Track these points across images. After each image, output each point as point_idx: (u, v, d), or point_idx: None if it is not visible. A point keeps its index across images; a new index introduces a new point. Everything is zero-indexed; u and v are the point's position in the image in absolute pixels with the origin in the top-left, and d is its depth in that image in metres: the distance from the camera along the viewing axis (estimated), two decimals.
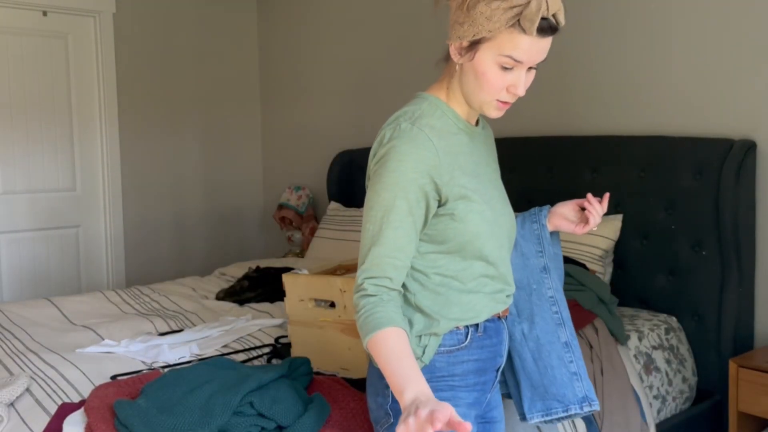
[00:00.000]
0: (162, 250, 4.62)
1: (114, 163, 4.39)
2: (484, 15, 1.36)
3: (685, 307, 2.73)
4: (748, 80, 2.62)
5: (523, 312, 1.70)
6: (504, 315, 1.60)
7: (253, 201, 5.03)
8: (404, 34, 3.86)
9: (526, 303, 1.71)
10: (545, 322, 1.70)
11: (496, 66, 1.40)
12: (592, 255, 2.75)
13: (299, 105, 4.69)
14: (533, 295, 1.71)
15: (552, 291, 1.72)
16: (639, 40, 2.91)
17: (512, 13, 1.34)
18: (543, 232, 1.74)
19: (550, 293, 1.72)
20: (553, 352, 1.68)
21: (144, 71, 4.49)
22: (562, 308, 1.72)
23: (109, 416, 1.70)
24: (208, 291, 3.22)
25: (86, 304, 2.97)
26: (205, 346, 2.35)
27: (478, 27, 1.38)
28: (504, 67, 1.40)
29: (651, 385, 2.50)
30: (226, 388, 1.75)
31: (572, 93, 3.11)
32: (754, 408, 2.31)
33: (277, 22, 4.82)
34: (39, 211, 4.20)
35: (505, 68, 1.40)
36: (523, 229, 1.75)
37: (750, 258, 2.63)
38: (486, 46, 1.39)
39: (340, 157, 4.17)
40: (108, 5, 4.30)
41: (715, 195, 2.60)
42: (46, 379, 2.06)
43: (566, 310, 1.72)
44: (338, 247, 3.68)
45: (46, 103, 4.18)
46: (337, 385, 1.89)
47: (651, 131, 2.88)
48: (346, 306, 2.03)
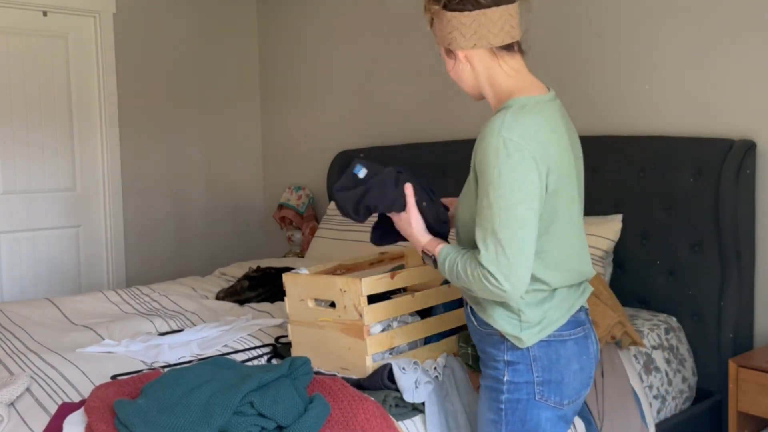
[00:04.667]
0: (162, 250, 4.62)
1: (114, 163, 4.39)
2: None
3: (684, 307, 2.73)
4: (748, 80, 2.62)
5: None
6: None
7: (253, 201, 5.03)
8: (404, 34, 3.86)
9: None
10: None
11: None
12: (593, 255, 2.75)
13: (299, 105, 4.69)
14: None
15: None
16: (639, 40, 2.91)
17: None
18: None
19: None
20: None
21: (144, 71, 4.49)
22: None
23: (109, 416, 1.70)
24: (208, 291, 3.22)
25: (86, 304, 2.97)
26: (205, 346, 2.35)
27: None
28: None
29: (651, 385, 2.50)
30: (226, 388, 1.75)
31: (572, 93, 3.10)
32: (754, 408, 2.31)
33: (277, 22, 4.82)
34: (39, 211, 4.20)
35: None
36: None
37: (750, 258, 2.63)
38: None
39: (340, 157, 4.17)
40: (108, 5, 4.30)
41: (715, 195, 2.60)
42: (46, 379, 2.06)
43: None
44: (338, 247, 3.68)
45: (46, 103, 4.18)
46: (337, 385, 1.89)
47: (651, 131, 2.88)
48: (346, 306, 2.03)
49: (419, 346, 2.15)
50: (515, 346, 1.61)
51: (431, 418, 1.93)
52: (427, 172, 3.68)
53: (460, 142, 3.50)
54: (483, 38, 1.58)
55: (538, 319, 1.60)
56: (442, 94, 3.58)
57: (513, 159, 1.48)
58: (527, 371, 1.61)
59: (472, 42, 1.58)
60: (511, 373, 1.62)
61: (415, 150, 3.77)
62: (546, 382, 1.61)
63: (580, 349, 1.65)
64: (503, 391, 1.63)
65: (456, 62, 1.64)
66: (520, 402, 1.62)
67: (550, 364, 1.61)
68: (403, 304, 2.10)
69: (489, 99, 1.68)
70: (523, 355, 1.61)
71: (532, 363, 1.61)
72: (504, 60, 1.62)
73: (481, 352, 1.72)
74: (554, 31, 3.17)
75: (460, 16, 1.56)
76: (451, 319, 2.17)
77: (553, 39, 3.17)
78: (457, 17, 1.57)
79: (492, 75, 1.63)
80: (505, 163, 1.48)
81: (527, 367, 1.61)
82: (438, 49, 1.69)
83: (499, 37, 1.59)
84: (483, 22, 1.56)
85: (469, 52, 1.61)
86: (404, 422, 1.90)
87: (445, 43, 1.62)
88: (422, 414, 1.93)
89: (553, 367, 1.61)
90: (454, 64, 1.65)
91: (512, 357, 1.62)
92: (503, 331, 1.61)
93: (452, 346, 2.17)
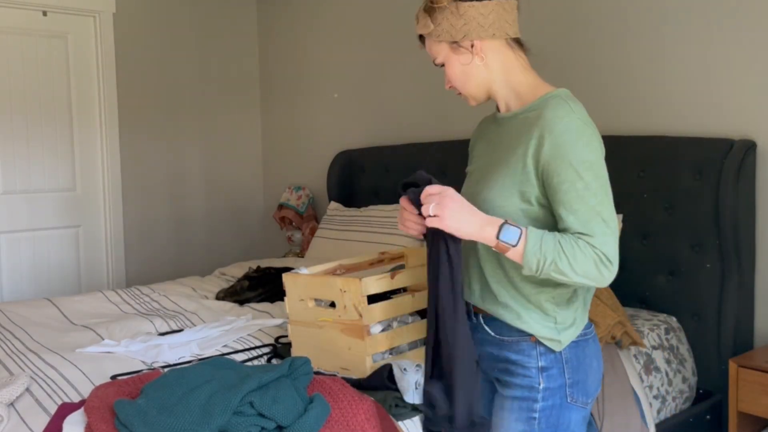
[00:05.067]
0: (162, 250, 4.62)
1: (114, 163, 4.39)
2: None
3: (685, 307, 2.73)
4: (748, 80, 2.62)
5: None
6: (475, 310, 1.69)
7: (253, 201, 5.03)
8: (405, 34, 3.86)
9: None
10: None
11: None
12: None
13: (299, 105, 4.69)
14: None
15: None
16: (639, 40, 2.91)
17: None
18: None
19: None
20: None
21: (144, 71, 4.49)
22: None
23: (109, 416, 1.70)
24: (208, 291, 3.22)
25: (86, 304, 2.97)
26: (205, 346, 2.35)
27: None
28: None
29: (651, 385, 2.50)
30: (226, 388, 1.75)
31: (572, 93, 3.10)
32: (754, 408, 2.31)
33: (277, 22, 4.82)
34: (39, 211, 4.20)
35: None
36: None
37: (750, 258, 2.63)
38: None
39: (340, 157, 4.17)
40: (108, 5, 4.30)
41: (715, 195, 2.60)
42: (46, 379, 2.05)
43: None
44: (338, 247, 3.68)
45: (46, 103, 4.18)
46: (337, 385, 1.89)
47: (651, 131, 2.88)
48: (346, 306, 2.03)
49: (419, 346, 2.15)
50: (549, 351, 1.58)
51: None
52: (427, 172, 3.68)
53: (460, 142, 3.50)
54: (501, 28, 1.58)
55: (571, 320, 1.59)
56: (442, 94, 3.58)
57: (594, 138, 1.50)
58: (560, 375, 1.58)
59: (491, 31, 1.57)
60: (546, 379, 1.58)
61: (415, 150, 3.77)
62: (575, 383, 1.59)
63: (596, 347, 1.66)
64: (537, 399, 1.58)
65: (464, 58, 1.60)
66: (554, 408, 1.58)
67: (578, 365, 1.60)
68: (403, 304, 2.10)
69: (501, 94, 1.65)
70: (556, 358, 1.58)
71: (564, 366, 1.58)
72: (519, 53, 1.63)
73: (500, 361, 1.64)
74: (554, 31, 3.17)
75: (480, 6, 1.56)
76: None
77: (554, 39, 3.17)
78: (475, 7, 1.56)
79: (509, 68, 1.62)
80: (589, 142, 1.48)
81: (560, 370, 1.58)
82: (434, 55, 1.65)
83: (513, 29, 1.60)
84: (501, 13, 1.57)
85: (486, 43, 1.59)
86: (404, 422, 1.90)
87: (459, 36, 1.58)
88: (422, 414, 1.93)
89: (580, 367, 1.60)
90: (461, 62, 1.61)
91: (546, 362, 1.58)
92: (540, 336, 1.57)
93: None
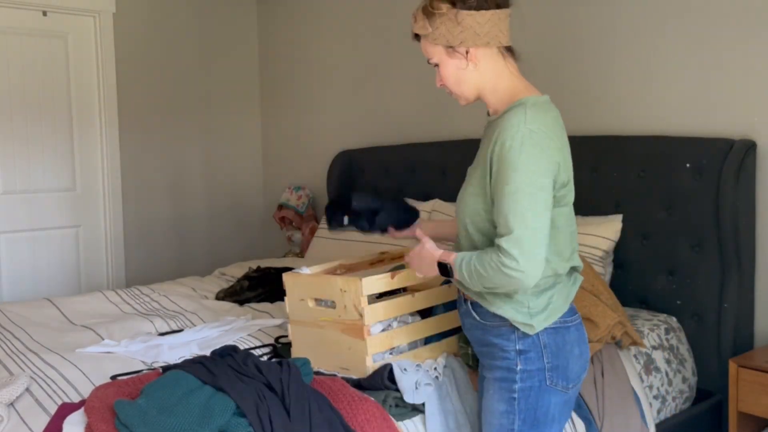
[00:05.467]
0: (162, 250, 4.62)
1: (114, 163, 4.39)
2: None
3: (685, 307, 2.73)
4: (748, 80, 2.62)
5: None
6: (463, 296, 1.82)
7: (253, 201, 5.03)
8: (404, 34, 3.85)
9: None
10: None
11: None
12: (593, 256, 2.75)
13: (299, 105, 4.69)
14: None
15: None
16: (638, 40, 2.91)
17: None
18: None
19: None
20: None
21: (144, 71, 4.49)
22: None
23: (109, 416, 1.70)
24: (208, 291, 3.22)
25: (86, 304, 2.97)
26: (205, 346, 2.35)
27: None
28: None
29: (651, 385, 2.50)
30: None
31: (571, 93, 3.10)
32: (754, 408, 2.31)
33: (277, 22, 4.82)
34: (39, 211, 4.19)
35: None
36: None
37: (750, 258, 2.62)
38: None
39: (340, 157, 4.17)
40: (108, 5, 4.30)
41: (715, 195, 2.60)
42: (46, 379, 2.05)
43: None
44: (338, 247, 3.68)
45: (46, 103, 4.18)
46: (337, 385, 1.89)
47: (651, 131, 2.88)
48: (346, 306, 2.03)
49: (419, 346, 2.15)
50: (526, 335, 1.68)
51: (431, 418, 1.93)
52: (427, 172, 3.69)
53: (460, 142, 3.50)
54: (495, 37, 1.69)
55: (543, 306, 1.68)
56: (442, 94, 3.57)
57: (537, 148, 1.58)
58: (538, 358, 1.68)
59: (486, 40, 1.67)
60: (524, 361, 1.68)
61: (415, 150, 3.77)
62: (554, 367, 1.69)
63: (580, 335, 1.75)
64: (516, 380, 1.69)
65: (458, 62, 1.71)
66: (533, 389, 1.69)
67: (558, 350, 1.69)
68: (403, 304, 2.10)
69: (489, 99, 1.76)
70: (533, 342, 1.68)
71: (542, 350, 1.68)
72: (509, 61, 1.74)
73: (485, 345, 1.76)
74: (555, 31, 3.17)
75: (477, 15, 1.66)
76: (451, 319, 2.17)
77: (554, 39, 3.17)
78: (473, 16, 1.65)
79: (499, 75, 1.72)
80: (530, 151, 1.57)
81: (538, 354, 1.68)
82: (429, 55, 1.75)
83: (506, 38, 1.72)
84: (495, 22, 1.68)
85: (479, 51, 1.69)
86: (404, 422, 1.90)
87: (456, 42, 1.68)
88: (422, 414, 1.94)
89: (560, 353, 1.70)
90: (455, 65, 1.72)
91: (523, 346, 1.68)
92: (514, 320, 1.67)
93: (452, 346, 2.17)
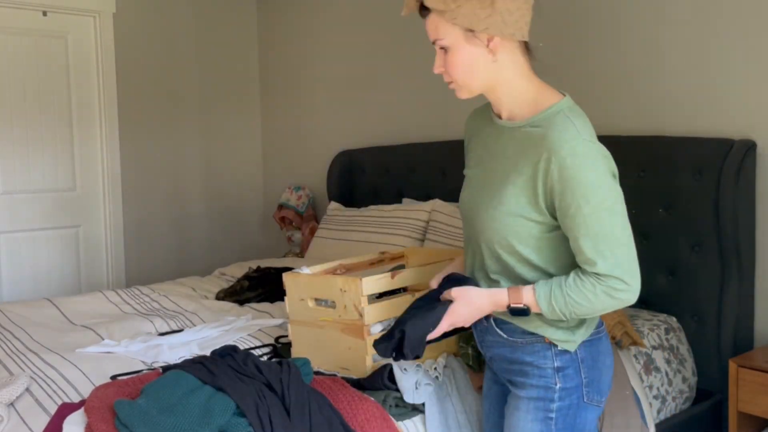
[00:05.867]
0: (162, 250, 4.62)
1: (114, 163, 4.39)
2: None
3: (685, 307, 2.73)
4: (748, 80, 2.62)
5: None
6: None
7: (253, 201, 5.03)
8: (405, 34, 3.86)
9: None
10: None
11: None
12: None
13: (299, 105, 4.69)
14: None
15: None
16: (638, 40, 2.91)
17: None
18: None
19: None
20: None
21: (144, 71, 4.49)
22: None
23: (109, 416, 1.70)
24: (208, 291, 3.22)
25: (86, 304, 2.97)
26: (205, 346, 2.35)
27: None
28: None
29: (651, 385, 2.50)
30: None
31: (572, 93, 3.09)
32: (754, 408, 2.31)
33: (277, 21, 4.82)
34: (39, 211, 4.20)
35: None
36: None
37: (750, 258, 2.62)
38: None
39: (340, 157, 4.17)
40: (108, 5, 4.30)
41: (715, 195, 2.60)
42: (46, 379, 2.05)
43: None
44: (338, 247, 3.68)
45: (46, 103, 4.18)
46: (337, 385, 1.89)
47: (651, 131, 2.88)
48: (346, 306, 2.03)
49: None
50: (564, 351, 1.59)
51: (431, 418, 1.93)
52: (427, 172, 3.69)
53: (460, 142, 3.48)
54: (520, 30, 1.53)
55: (581, 319, 1.59)
56: (442, 94, 3.58)
57: (599, 159, 1.49)
58: (576, 374, 1.59)
59: (512, 30, 1.51)
60: (562, 379, 1.59)
61: (415, 150, 3.77)
62: (590, 382, 1.61)
63: (608, 343, 1.67)
64: (554, 399, 1.59)
65: (476, 50, 1.53)
66: (571, 407, 1.60)
67: (593, 363, 1.61)
68: (403, 304, 2.10)
69: (500, 98, 1.61)
70: (571, 358, 1.59)
71: (580, 365, 1.59)
72: (527, 58, 1.60)
73: (515, 363, 1.65)
74: (554, 31, 3.17)
75: (509, 2, 1.49)
76: None
77: (554, 39, 3.16)
78: (505, 1, 1.49)
79: (518, 72, 1.58)
80: (595, 165, 1.48)
81: (576, 370, 1.59)
82: (438, 35, 1.54)
83: (527, 33, 1.56)
84: (524, 13, 1.53)
85: (503, 42, 1.53)
86: (404, 422, 1.90)
87: (480, 26, 1.49)
88: (422, 414, 1.93)
89: (595, 366, 1.61)
90: (471, 53, 1.53)
91: (562, 362, 1.59)
92: (553, 338, 1.58)
93: (452, 346, 2.17)
